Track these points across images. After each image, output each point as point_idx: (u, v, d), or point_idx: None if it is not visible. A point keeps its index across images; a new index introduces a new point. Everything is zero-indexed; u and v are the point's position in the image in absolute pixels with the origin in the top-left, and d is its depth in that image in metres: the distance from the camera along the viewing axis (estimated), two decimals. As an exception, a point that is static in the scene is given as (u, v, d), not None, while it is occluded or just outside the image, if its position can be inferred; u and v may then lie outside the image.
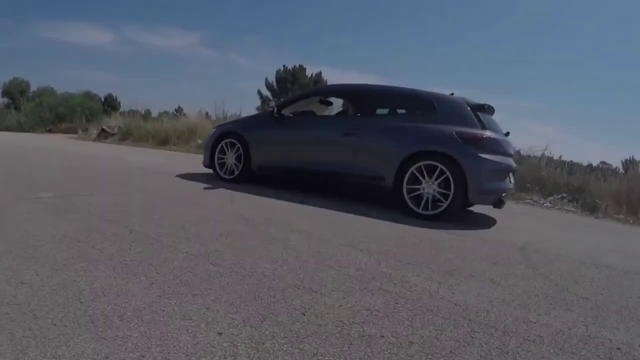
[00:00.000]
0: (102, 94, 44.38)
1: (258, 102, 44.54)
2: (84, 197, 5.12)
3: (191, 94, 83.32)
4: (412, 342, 2.20)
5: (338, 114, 7.95)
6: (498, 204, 5.95)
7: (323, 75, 45.73)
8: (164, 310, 2.25)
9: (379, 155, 6.18)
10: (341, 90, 7.85)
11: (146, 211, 4.56)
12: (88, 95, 37.86)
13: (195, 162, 9.59)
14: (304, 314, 2.38)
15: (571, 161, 13.01)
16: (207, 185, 6.82)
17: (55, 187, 5.61)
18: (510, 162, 6.22)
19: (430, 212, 5.72)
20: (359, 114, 6.91)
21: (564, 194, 10.88)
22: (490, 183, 5.77)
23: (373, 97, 7.15)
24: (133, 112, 28.01)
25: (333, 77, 56.77)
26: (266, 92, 45.68)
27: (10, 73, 73.57)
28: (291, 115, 7.44)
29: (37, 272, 2.62)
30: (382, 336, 2.23)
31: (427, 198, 5.76)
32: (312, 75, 45.48)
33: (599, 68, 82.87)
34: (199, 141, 17.73)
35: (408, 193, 5.87)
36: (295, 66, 45.67)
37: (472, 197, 5.69)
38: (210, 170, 7.70)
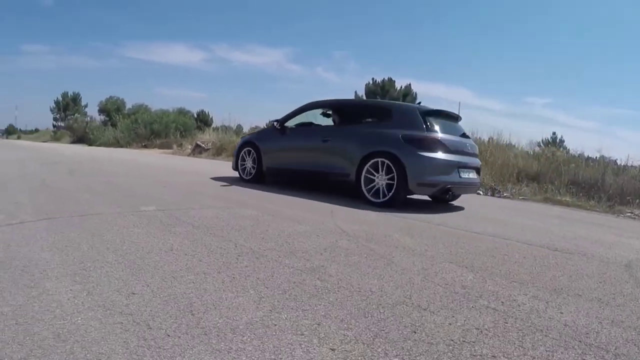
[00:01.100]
0: (194, 111, 46.40)
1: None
2: (185, 210, 5.36)
3: (280, 109, 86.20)
4: (524, 364, 2.14)
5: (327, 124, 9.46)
6: (443, 194, 7.34)
7: (412, 87, 45.68)
8: (275, 325, 2.29)
9: (345, 156, 7.72)
10: (326, 104, 9.32)
11: (248, 225, 4.71)
12: (181, 112, 39.63)
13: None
14: (415, 332, 2.35)
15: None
16: (305, 200, 7.01)
17: (156, 201, 5.93)
18: (460, 158, 7.35)
19: (380, 200, 7.10)
20: (337, 124, 8.86)
21: (668, 206, 10.22)
22: (430, 176, 6.93)
23: (348, 109, 9.12)
24: (225, 128, 28.91)
25: (421, 89, 57.34)
26: (356, 106, 45.79)
27: (107, 92, 79.30)
28: (293, 127, 9.21)
29: (147, 283, 2.76)
30: (494, 356, 2.16)
31: (379, 188, 7.19)
32: (401, 87, 45.38)
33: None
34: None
35: (365, 185, 7.34)
36: (384, 79, 45.79)
37: (412, 188, 6.97)
38: (305, 184, 8.72)
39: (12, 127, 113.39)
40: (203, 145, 24.12)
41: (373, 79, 46.08)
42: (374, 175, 7.22)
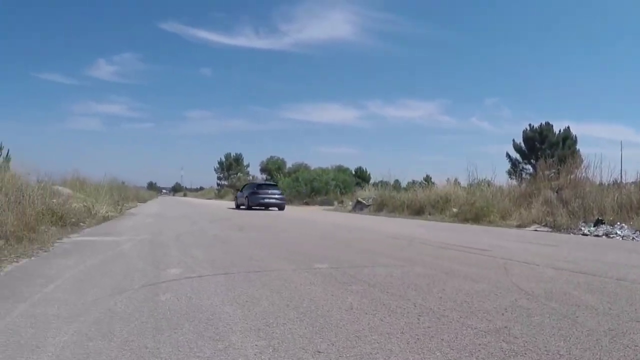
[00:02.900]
0: (352, 167, 47.66)
1: (508, 165, 44.40)
2: (358, 268, 5.47)
3: (438, 162, 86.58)
4: None
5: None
6: (261, 206, 27.46)
7: (571, 129, 44.08)
8: (467, 390, 2.23)
9: (244, 197, 29.41)
10: (248, 183, 34.59)
11: (424, 284, 4.68)
12: (340, 169, 40.86)
13: (459, 233, 9.65)
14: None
15: None
16: (477, 256, 6.80)
17: (327, 258, 6.13)
18: (264, 195, 27.92)
19: (245, 209, 28.37)
20: (246, 188, 31.48)
21: None
22: (255, 201, 27.65)
23: (249, 183, 34.34)
24: (383, 183, 29.34)
25: (579, 131, 55.07)
26: (515, 154, 45.16)
27: (267, 152, 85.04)
28: (244, 189, 31.77)
29: (332, 342, 2.82)
30: None
31: (246, 206, 28.61)
32: (559, 131, 43.96)
33: None
34: (454, 210, 18.00)
35: (246, 205, 28.69)
36: (541, 124, 44.67)
37: (251, 204, 27.76)
38: (460, 242, 8.78)
39: (179, 185, 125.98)
40: (364, 201, 25.09)
41: (530, 124, 45.37)
42: (246, 202, 28.38)
